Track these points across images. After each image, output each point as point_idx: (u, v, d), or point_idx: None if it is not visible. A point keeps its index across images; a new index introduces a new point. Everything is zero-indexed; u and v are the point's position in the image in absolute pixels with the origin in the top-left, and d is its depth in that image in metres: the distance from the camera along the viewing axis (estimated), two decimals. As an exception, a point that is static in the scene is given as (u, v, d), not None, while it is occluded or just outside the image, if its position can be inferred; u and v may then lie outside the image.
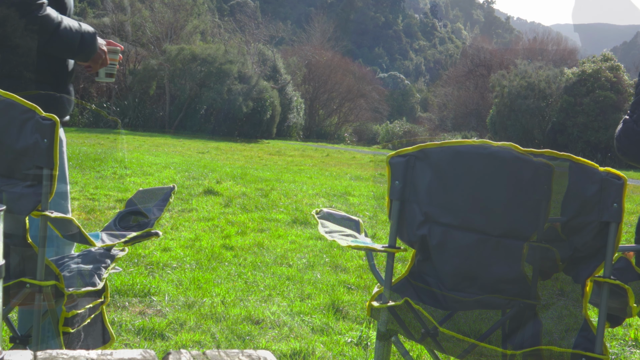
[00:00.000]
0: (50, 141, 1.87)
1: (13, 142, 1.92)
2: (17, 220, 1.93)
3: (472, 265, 1.84)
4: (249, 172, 12.80)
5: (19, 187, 1.93)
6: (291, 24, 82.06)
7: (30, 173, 1.92)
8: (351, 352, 3.46)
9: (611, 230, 1.75)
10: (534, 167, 1.76)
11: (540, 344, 1.83)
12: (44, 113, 1.89)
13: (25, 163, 1.92)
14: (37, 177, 1.92)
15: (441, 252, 1.87)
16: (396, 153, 1.90)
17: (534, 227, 1.79)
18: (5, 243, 1.98)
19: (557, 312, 1.84)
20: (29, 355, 1.10)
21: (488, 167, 1.80)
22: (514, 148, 1.78)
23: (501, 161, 1.79)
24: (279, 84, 35.12)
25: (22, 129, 1.90)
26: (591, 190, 1.74)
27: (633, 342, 3.98)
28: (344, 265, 5.39)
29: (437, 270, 1.89)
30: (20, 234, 1.95)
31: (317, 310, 4.16)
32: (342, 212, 2.37)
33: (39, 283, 1.94)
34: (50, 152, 1.88)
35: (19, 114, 1.91)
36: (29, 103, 1.91)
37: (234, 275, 4.87)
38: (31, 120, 1.89)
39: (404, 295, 1.93)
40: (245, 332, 3.63)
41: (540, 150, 1.77)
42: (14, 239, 1.96)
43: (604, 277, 1.78)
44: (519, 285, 1.82)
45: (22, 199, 1.93)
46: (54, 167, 1.90)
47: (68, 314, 2.00)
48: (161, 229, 6.24)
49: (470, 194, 1.83)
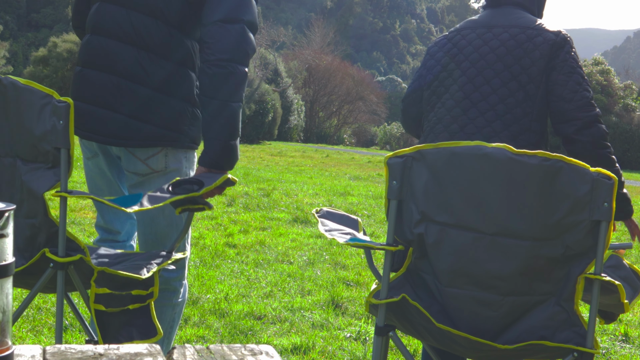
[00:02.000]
0: (66, 122, 1.87)
1: (33, 127, 1.93)
2: (37, 198, 1.93)
3: (468, 262, 1.84)
4: (251, 172, 12.80)
5: (40, 170, 1.95)
6: (292, 29, 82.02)
7: (49, 154, 1.92)
8: (350, 346, 3.46)
9: (602, 229, 1.75)
10: (527, 168, 1.76)
11: (533, 339, 1.83)
12: (60, 97, 1.90)
13: (44, 146, 1.93)
14: (55, 158, 1.92)
15: (437, 250, 1.87)
16: (394, 154, 1.90)
17: (527, 226, 1.79)
18: (31, 224, 1.98)
19: (550, 309, 1.84)
20: (38, 350, 1.10)
21: (482, 168, 1.80)
22: (508, 149, 1.78)
23: (495, 162, 1.79)
24: (280, 87, 35.11)
25: (41, 114, 1.92)
26: (583, 190, 1.75)
27: (623, 337, 3.99)
28: (343, 263, 5.39)
29: (434, 267, 1.89)
30: (42, 212, 1.95)
31: (317, 306, 4.16)
32: (342, 211, 2.37)
33: (60, 260, 1.92)
34: (66, 133, 1.88)
35: (38, 99, 1.92)
36: (46, 88, 1.92)
37: (236, 272, 4.87)
38: (49, 105, 1.90)
39: (402, 292, 1.93)
40: (247, 328, 3.63)
41: (533, 151, 1.77)
42: (38, 217, 1.96)
43: (595, 274, 1.78)
44: (512, 282, 1.82)
45: (41, 179, 1.94)
46: (70, 147, 1.90)
47: (99, 289, 1.95)
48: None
49: (465, 193, 1.83)
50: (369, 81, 55.47)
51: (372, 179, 13.82)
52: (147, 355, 1.10)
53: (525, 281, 1.82)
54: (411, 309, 1.89)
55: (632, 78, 43.43)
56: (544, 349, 1.83)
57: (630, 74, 53.47)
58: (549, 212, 1.77)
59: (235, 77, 2.15)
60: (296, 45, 57.84)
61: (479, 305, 1.85)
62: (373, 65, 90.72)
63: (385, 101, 55.19)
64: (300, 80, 42.93)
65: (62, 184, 1.92)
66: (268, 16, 70.33)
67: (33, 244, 1.99)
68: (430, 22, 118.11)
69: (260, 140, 29.92)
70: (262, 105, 29.97)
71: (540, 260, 1.80)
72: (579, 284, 1.80)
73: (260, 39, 37.42)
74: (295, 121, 37.53)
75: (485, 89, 2.42)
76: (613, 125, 30.01)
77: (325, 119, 45.93)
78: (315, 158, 20.64)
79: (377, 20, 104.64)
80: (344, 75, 47.71)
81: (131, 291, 2.06)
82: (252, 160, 17.11)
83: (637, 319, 4.32)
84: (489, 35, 2.47)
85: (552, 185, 1.76)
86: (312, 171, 14.80)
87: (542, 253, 1.80)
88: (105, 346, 1.13)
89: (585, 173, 1.75)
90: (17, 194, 2.00)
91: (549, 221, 1.78)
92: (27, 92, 1.95)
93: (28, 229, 1.99)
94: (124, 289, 2.05)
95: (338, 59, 52.01)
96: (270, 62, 36.29)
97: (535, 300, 1.83)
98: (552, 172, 1.76)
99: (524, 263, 1.80)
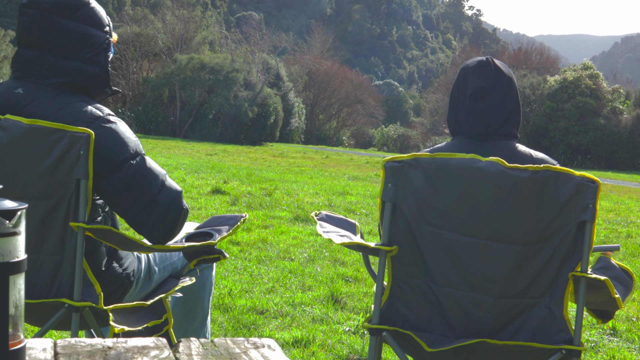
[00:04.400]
0: (86, 152, 1.81)
1: (46, 163, 1.84)
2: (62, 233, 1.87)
3: (461, 264, 1.84)
4: (253, 172, 12.79)
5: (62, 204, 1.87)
6: (293, 35, 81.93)
7: (65, 186, 1.84)
8: (349, 340, 3.47)
9: (587, 229, 1.77)
10: (519, 181, 1.78)
11: (523, 339, 1.84)
12: (75, 128, 1.83)
13: (59, 179, 1.85)
14: (66, 192, 1.84)
15: (431, 251, 1.87)
16: (391, 158, 1.91)
17: (518, 232, 1.80)
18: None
19: (540, 311, 1.84)
20: (49, 343, 1.11)
21: (475, 178, 1.81)
22: (501, 163, 1.80)
23: (488, 174, 1.79)
24: (281, 90, 35.09)
25: (54, 148, 1.83)
26: (568, 194, 1.77)
27: (611, 331, 3.99)
28: (342, 260, 5.40)
29: (429, 267, 1.88)
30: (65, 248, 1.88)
31: (317, 301, 4.17)
32: (340, 215, 2.37)
33: (74, 303, 1.85)
34: (86, 164, 1.81)
35: (47, 135, 1.83)
36: (55, 124, 1.83)
37: (240, 268, 4.88)
38: (64, 138, 1.82)
39: (393, 319, 1.93)
40: (250, 322, 3.64)
41: (524, 165, 1.79)
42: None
43: (582, 272, 1.79)
44: (504, 284, 1.83)
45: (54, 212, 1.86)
46: (89, 178, 1.83)
47: (117, 329, 1.90)
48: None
49: (458, 200, 1.83)
50: (367, 85, 55.44)
51: (370, 179, 13.81)
52: (154, 349, 1.10)
53: (516, 284, 1.83)
54: (404, 339, 1.91)
55: (620, 82, 43.36)
56: (535, 351, 1.84)
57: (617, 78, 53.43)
58: (538, 218, 1.79)
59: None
60: (297, 50, 57.78)
61: (472, 306, 1.85)
62: (371, 70, 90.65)
63: (382, 104, 55.15)
64: (301, 84, 42.88)
65: (80, 215, 1.84)
66: (270, 23, 70.29)
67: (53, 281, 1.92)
68: (426, 28, 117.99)
69: (263, 141, 29.90)
70: (264, 108, 29.94)
71: (531, 263, 1.81)
72: (568, 284, 1.81)
73: (262, 45, 37.40)
74: (296, 123, 37.50)
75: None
76: (601, 127, 30.01)
77: (325, 121, 45.89)
78: (316, 159, 20.63)
79: (375, 27, 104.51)
80: (343, 80, 47.66)
81: (147, 324, 2.02)
82: (255, 161, 17.10)
83: (624, 314, 4.32)
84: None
85: (541, 194, 1.78)
86: (313, 171, 14.79)
87: (532, 256, 1.81)
88: (113, 340, 1.13)
89: (570, 178, 1.77)
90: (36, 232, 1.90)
91: (538, 226, 1.79)
92: (33, 131, 1.83)
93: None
94: (139, 323, 2.01)
95: (337, 63, 51.97)
96: (272, 66, 36.26)
97: (526, 303, 1.84)
98: (541, 182, 1.78)
99: (516, 266, 1.81)
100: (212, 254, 2.08)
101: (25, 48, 1.96)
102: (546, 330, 1.83)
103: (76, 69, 1.95)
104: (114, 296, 2.07)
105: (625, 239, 7.67)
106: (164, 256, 2.25)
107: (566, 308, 1.83)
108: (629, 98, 32.80)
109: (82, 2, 1.96)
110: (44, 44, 1.92)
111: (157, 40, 32.80)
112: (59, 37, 1.93)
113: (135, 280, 2.13)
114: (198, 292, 2.43)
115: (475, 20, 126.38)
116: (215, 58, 30.72)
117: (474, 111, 2.02)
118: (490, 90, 2.00)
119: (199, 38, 34.88)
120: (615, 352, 3.58)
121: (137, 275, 2.13)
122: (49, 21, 1.92)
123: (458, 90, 2.07)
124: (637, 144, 30.06)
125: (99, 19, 1.99)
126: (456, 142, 2.07)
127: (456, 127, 2.09)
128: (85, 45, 1.96)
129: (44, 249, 1.89)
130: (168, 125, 29.62)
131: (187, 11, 36.27)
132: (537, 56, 45.02)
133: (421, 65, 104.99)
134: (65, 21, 1.93)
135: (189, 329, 2.44)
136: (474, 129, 2.04)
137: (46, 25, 1.92)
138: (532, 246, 1.80)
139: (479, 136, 2.04)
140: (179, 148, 19.57)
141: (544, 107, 30.79)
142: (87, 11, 1.97)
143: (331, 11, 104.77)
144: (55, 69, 1.95)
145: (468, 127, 2.05)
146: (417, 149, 35.67)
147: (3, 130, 1.86)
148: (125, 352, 1.08)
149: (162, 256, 2.24)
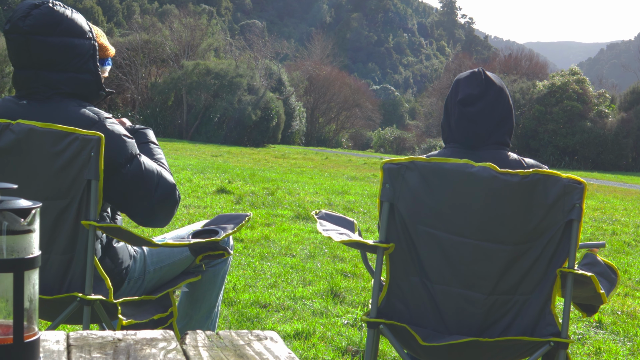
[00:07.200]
0: (97, 154, 1.81)
1: (58, 165, 1.85)
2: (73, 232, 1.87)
3: (454, 263, 1.85)
4: (257, 173, 12.79)
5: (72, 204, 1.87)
6: (294, 42, 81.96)
7: (76, 187, 1.84)
8: (347, 332, 3.47)
9: (574, 227, 1.78)
10: (510, 185, 1.78)
11: (513, 334, 1.84)
12: (86, 131, 1.83)
13: (70, 180, 1.85)
14: (86, 189, 1.85)
15: (426, 250, 1.87)
16: (389, 161, 1.91)
17: (509, 233, 1.81)
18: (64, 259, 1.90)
19: (530, 307, 1.84)
20: (62, 335, 1.11)
21: (468, 182, 1.82)
22: (493, 168, 1.80)
23: (480, 178, 1.80)
24: (283, 95, 35.08)
25: (66, 151, 1.84)
26: (556, 195, 1.78)
27: (597, 324, 3.99)
28: (341, 256, 5.40)
29: (424, 265, 1.89)
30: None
31: (318, 295, 4.17)
32: (339, 213, 2.37)
33: (85, 297, 1.85)
34: (97, 165, 1.81)
35: (60, 138, 1.84)
36: (67, 127, 1.84)
37: (243, 264, 4.88)
38: (76, 141, 1.82)
39: (390, 313, 1.93)
40: (253, 315, 3.64)
41: (515, 170, 1.80)
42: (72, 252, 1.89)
43: (569, 268, 1.80)
44: (495, 282, 1.83)
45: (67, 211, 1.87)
46: (99, 179, 1.83)
47: (124, 322, 1.90)
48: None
49: (452, 202, 1.84)
50: (365, 90, 55.42)
51: (367, 179, 13.81)
52: (162, 341, 1.11)
53: (507, 281, 1.83)
54: (400, 332, 1.91)
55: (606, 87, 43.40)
56: (524, 345, 1.84)
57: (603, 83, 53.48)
58: (528, 219, 1.80)
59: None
60: (298, 57, 57.78)
61: (465, 303, 1.85)
62: (368, 75, 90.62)
63: (379, 108, 55.13)
64: (302, 89, 42.87)
65: (91, 214, 1.84)
66: (272, 30, 70.26)
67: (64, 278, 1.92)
68: (421, 35, 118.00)
69: (265, 143, 29.90)
70: (267, 112, 29.95)
71: (521, 261, 1.82)
72: (556, 280, 1.82)
73: (265, 52, 37.36)
74: (297, 126, 37.50)
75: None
76: (588, 130, 30.03)
77: (325, 124, 45.87)
78: (316, 160, 20.63)
79: (372, 34, 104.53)
80: (342, 84, 47.63)
81: (153, 317, 2.02)
82: (258, 162, 17.10)
83: (609, 307, 4.33)
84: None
85: (531, 196, 1.79)
86: (313, 172, 14.79)
87: (522, 255, 1.81)
88: (123, 332, 1.13)
89: (557, 180, 1.79)
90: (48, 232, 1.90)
91: (528, 227, 1.80)
92: (47, 135, 1.84)
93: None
94: (146, 316, 2.01)
95: (336, 69, 51.93)
96: (275, 72, 36.24)
97: (516, 299, 1.84)
98: (530, 185, 1.79)
99: (506, 265, 1.82)
100: (217, 250, 2.08)
101: (19, 69, 1.99)
102: (535, 324, 1.83)
103: (71, 79, 1.98)
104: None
105: (611, 236, 7.68)
106: (161, 257, 2.24)
107: (554, 303, 1.83)
108: (614, 102, 32.83)
109: (60, 18, 1.96)
110: (34, 63, 1.95)
111: (165, 47, 32.78)
112: (46, 54, 1.94)
113: (127, 278, 2.14)
114: (208, 284, 2.43)
115: (468, 28, 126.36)
116: (220, 64, 30.73)
117: (464, 116, 2.03)
118: (479, 97, 2.01)
119: (205, 45, 34.87)
120: (600, 344, 3.58)
121: (130, 274, 2.14)
122: (33, 42, 1.93)
123: (450, 99, 2.08)
124: (621, 145, 30.10)
125: (79, 27, 1.99)
126: (448, 150, 2.09)
127: (449, 134, 2.11)
128: (73, 56, 1.97)
129: (54, 249, 1.90)
130: (175, 127, 29.63)
131: (193, 19, 36.24)
132: (526, 62, 44.99)
133: (416, 71, 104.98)
134: (49, 39, 1.94)
135: (193, 318, 2.44)
136: (464, 134, 2.05)
137: (32, 46, 1.93)
138: (521, 246, 1.81)
139: (470, 144, 2.05)
140: (185, 150, 19.57)
141: (533, 111, 30.79)
142: (67, 24, 1.97)
143: (330, 19, 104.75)
144: (52, 83, 1.97)
145: (458, 133, 2.06)
146: (413, 150, 35.69)
147: (15, 134, 1.87)
148: (134, 343, 1.08)
149: (159, 257, 2.23)
